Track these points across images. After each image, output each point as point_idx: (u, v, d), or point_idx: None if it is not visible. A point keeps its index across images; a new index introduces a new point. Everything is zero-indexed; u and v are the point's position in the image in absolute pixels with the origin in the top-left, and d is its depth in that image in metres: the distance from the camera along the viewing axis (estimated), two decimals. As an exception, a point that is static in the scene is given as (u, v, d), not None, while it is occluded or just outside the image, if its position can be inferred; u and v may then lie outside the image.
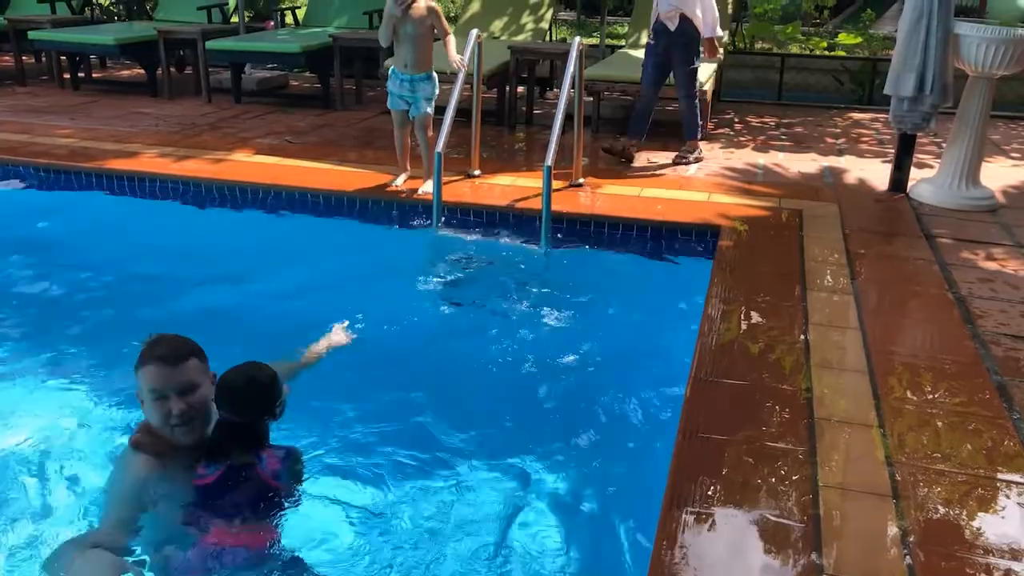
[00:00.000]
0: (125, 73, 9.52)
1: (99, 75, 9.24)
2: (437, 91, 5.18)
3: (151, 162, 5.70)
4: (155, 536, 2.36)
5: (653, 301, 4.27)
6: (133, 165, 5.62)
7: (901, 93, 4.94)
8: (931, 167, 5.76)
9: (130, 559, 2.27)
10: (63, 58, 8.43)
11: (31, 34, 8.08)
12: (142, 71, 8.46)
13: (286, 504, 2.50)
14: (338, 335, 3.48)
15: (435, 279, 4.58)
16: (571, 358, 3.76)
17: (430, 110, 5.17)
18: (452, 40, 5.17)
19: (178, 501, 2.41)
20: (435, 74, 5.17)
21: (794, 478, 2.45)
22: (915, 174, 5.43)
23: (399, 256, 4.87)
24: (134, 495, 2.37)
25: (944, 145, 5.55)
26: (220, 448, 2.45)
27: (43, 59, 9.21)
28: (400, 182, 5.29)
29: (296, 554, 2.44)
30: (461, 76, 5.18)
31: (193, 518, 2.41)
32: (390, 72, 5.19)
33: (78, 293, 4.38)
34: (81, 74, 8.57)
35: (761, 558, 2.16)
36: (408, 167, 5.37)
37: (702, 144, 6.11)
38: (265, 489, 2.46)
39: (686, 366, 3.12)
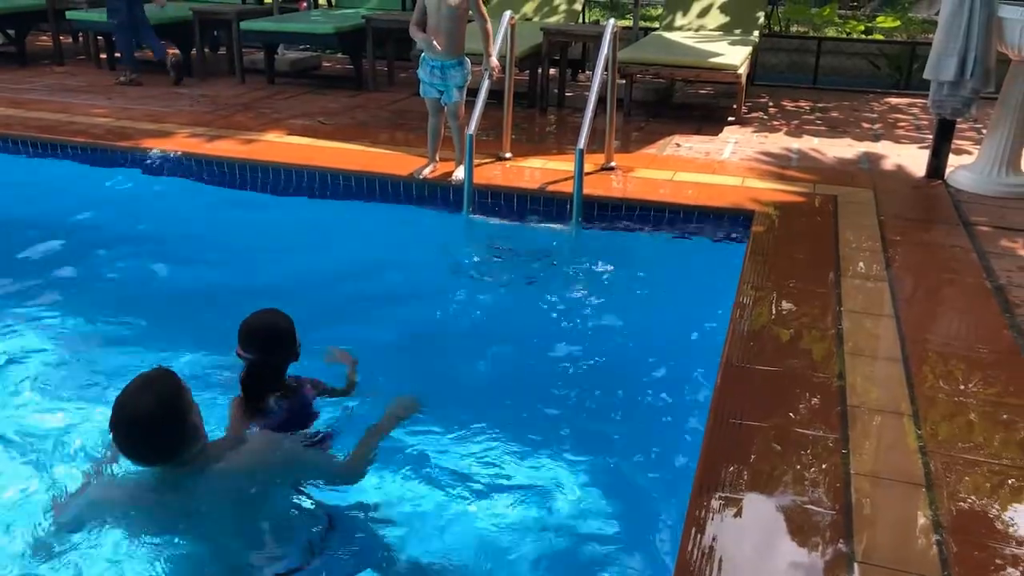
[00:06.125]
0: (160, 53, 9.58)
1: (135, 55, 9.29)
2: (469, 77, 5.04)
3: (185, 142, 5.74)
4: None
5: (684, 286, 4.25)
6: (167, 145, 5.67)
7: (941, 77, 4.85)
8: (970, 153, 5.66)
9: None
10: (100, 38, 8.53)
11: (69, 14, 8.20)
12: (177, 51, 8.52)
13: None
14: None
15: (467, 262, 4.59)
16: (601, 342, 3.76)
17: (461, 98, 5.03)
18: (491, 32, 4.97)
19: None
20: (467, 59, 5.03)
21: (825, 466, 2.44)
22: (953, 160, 5.34)
23: (430, 238, 4.88)
24: None
25: (983, 131, 5.45)
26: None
27: (80, 39, 9.30)
28: (426, 172, 5.13)
29: None
30: (487, 77, 4.99)
31: None
32: (421, 59, 5.02)
33: (109, 269, 4.46)
34: (117, 54, 8.64)
35: (791, 545, 2.15)
36: (437, 157, 5.21)
37: (737, 128, 6.00)
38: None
39: (718, 352, 3.11)
